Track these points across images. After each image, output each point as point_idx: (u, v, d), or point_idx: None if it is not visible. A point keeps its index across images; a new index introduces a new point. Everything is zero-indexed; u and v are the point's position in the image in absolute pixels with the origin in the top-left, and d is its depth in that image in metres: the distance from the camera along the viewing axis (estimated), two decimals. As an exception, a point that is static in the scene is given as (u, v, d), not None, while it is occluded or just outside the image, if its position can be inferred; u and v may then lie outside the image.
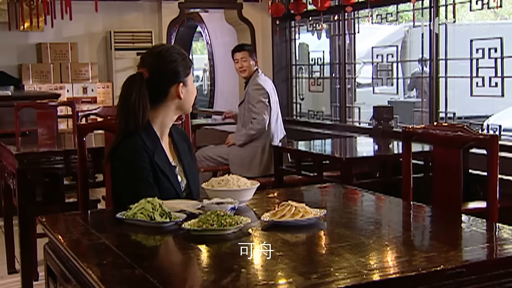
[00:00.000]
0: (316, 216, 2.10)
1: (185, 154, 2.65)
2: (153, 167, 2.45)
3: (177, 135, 2.67)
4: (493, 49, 5.71)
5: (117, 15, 8.83)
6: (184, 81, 2.56)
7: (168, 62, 2.53)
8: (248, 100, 5.75)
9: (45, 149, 4.56)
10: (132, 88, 2.46)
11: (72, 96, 8.29)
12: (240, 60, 5.82)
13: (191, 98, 2.61)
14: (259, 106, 5.69)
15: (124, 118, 2.47)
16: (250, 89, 5.74)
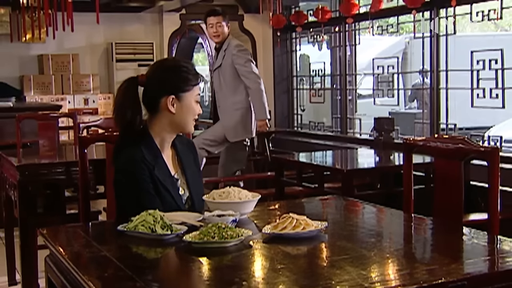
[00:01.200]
0: (317, 228, 2.10)
1: (190, 166, 2.62)
2: (154, 180, 2.44)
3: (182, 146, 2.63)
4: (493, 61, 5.72)
5: (119, 26, 8.86)
6: (178, 95, 2.48)
7: (163, 71, 2.51)
8: (235, 62, 5.59)
9: (46, 160, 4.57)
10: (122, 88, 2.48)
11: (74, 107, 8.31)
12: (215, 25, 5.61)
13: (188, 117, 2.51)
14: (249, 64, 5.62)
15: (116, 116, 2.48)
16: (234, 51, 5.58)
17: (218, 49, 5.72)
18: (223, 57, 5.63)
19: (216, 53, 5.76)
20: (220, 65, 5.65)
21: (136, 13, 8.99)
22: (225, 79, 5.65)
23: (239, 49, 5.62)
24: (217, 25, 5.59)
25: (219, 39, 5.62)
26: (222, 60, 5.65)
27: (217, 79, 5.73)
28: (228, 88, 5.65)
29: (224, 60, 5.62)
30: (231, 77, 5.62)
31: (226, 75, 5.63)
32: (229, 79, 5.63)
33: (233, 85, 5.64)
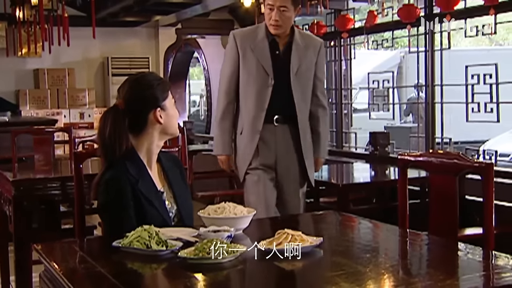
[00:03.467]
0: (313, 244, 2.10)
1: (176, 180, 2.65)
2: (136, 195, 2.45)
3: (167, 162, 2.66)
4: (488, 75, 5.75)
5: (115, 41, 8.89)
6: (162, 105, 2.54)
7: (141, 89, 2.54)
8: (320, 66, 3.82)
9: (42, 175, 4.56)
10: (106, 121, 2.50)
11: (69, 121, 8.32)
12: (277, 8, 3.56)
13: (173, 121, 2.60)
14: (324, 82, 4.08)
15: (102, 152, 2.51)
16: (322, 55, 3.79)
17: (271, 42, 3.69)
18: (298, 56, 3.69)
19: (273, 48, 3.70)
20: (299, 66, 3.69)
21: (132, 28, 9.02)
22: (305, 90, 3.75)
23: (323, 48, 3.87)
24: (279, 9, 3.56)
25: (280, 31, 3.63)
26: (301, 60, 3.70)
27: (298, 88, 3.71)
28: (305, 101, 3.76)
29: (307, 60, 3.72)
30: (307, 86, 3.77)
31: (306, 84, 3.76)
32: (309, 90, 3.78)
33: (307, 98, 3.77)
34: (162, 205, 2.52)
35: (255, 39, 3.70)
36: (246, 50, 3.68)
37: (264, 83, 3.66)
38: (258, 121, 3.69)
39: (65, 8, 6.57)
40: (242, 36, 3.75)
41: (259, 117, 3.68)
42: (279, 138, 3.72)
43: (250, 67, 3.68)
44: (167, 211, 2.53)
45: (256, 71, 3.67)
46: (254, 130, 3.69)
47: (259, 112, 3.68)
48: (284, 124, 3.70)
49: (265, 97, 3.65)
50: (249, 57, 3.69)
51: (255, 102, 3.69)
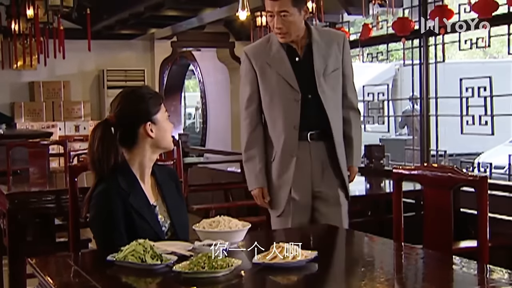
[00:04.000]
0: (307, 258, 2.09)
1: (171, 194, 2.63)
2: (127, 209, 2.44)
3: (162, 175, 2.65)
4: (482, 88, 5.78)
5: (110, 53, 8.91)
6: (152, 119, 2.53)
7: (132, 103, 2.53)
8: (346, 62, 3.36)
9: (36, 188, 4.55)
10: (95, 136, 2.50)
11: (64, 134, 8.31)
12: (277, 14, 3.16)
13: (166, 134, 2.57)
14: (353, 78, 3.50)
15: (91, 167, 2.52)
16: (345, 42, 3.36)
17: (285, 47, 3.28)
18: (322, 56, 3.26)
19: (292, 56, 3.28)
20: (326, 67, 3.26)
21: (128, 41, 9.04)
22: (336, 92, 3.33)
23: (348, 41, 3.42)
24: (280, 14, 3.15)
25: (286, 38, 3.22)
26: (325, 59, 3.27)
27: (329, 93, 3.27)
28: (336, 107, 3.33)
29: (332, 58, 3.29)
30: (337, 89, 3.33)
31: (336, 86, 3.33)
32: (339, 93, 3.35)
33: (338, 102, 3.35)
34: (154, 219, 2.51)
35: (270, 52, 3.26)
36: (263, 67, 3.26)
37: (290, 98, 3.22)
38: (292, 142, 3.23)
39: (61, 21, 6.59)
40: (255, 52, 3.32)
41: (292, 138, 3.23)
42: (314, 156, 3.26)
43: (272, 85, 3.24)
44: (159, 225, 2.52)
45: (279, 87, 3.23)
46: (290, 153, 3.24)
47: (291, 132, 3.22)
48: (319, 140, 3.24)
49: (294, 114, 3.21)
50: (268, 73, 3.25)
51: (285, 122, 3.23)
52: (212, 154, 8.92)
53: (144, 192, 2.53)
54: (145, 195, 2.53)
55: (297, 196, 3.23)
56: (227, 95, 9.90)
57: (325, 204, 3.25)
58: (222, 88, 10.22)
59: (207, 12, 7.75)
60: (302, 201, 3.23)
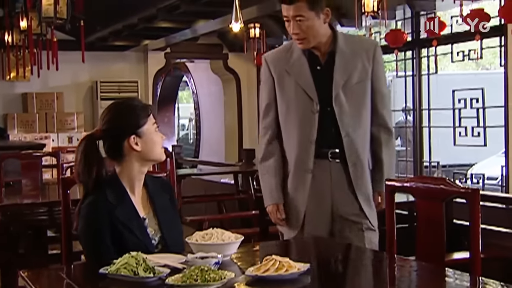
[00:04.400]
0: (300, 270, 2.09)
1: (164, 206, 2.61)
2: (113, 222, 2.43)
3: (154, 187, 2.63)
4: (475, 100, 5.82)
5: (104, 65, 8.91)
6: (138, 132, 2.50)
7: (116, 116, 2.52)
8: (376, 75, 3.04)
9: (29, 200, 4.54)
10: (79, 149, 2.52)
11: (57, 145, 8.30)
12: (293, 19, 2.92)
13: (154, 147, 2.53)
14: (389, 95, 3.22)
15: (77, 180, 2.54)
16: (374, 53, 3.03)
17: (325, 55, 3.02)
18: (344, 67, 2.99)
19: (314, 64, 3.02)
20: (348, 79, 2.98)
21: (121, 52, 9.05)
22: (358, 108, 3.02)
23: (380, 52, 3.11)
24: (295, 19, 2.91)
25: (304, 44, 2.98)
26: (348, 70, 2.99)
27: (348, 107, 2.99)
28: (358, 123, 3.02)
29: (357, 70, 3.01)
30: (361, 104, 3.03)
31: (360, 100, 3.03)
32: (364, 108, 3.04)
33: (362, 119, 3.04)
34: (143, 232, 2.49)
35: (291, 59, 3.02)
36: (281, 75, 3.03)
37: (307, 109, 2.97)
38: (307, 157, 2.97)
39: (54, 33, 6.59)
40: (274, 58, 3.09)
41: (308, 152, 2.96)
42: (336, 178, 2.97)
43: (289, 94, 3.01)
44: (149, 238, 2.50)
45: (296, 97, 2.99)
46: (304, 170, 2.98)
47: (306, 145, 2.97)
48: (340, 158, 2.96)
49: (311, 127, 2.95)
50: (287, 82, 3.02)
51: (299, 134, 2.99)
52: (206, 165, 8.92)
53: (133, 205, 2.52)
54: (134, 207, 2.51)
55: (313, 218, 2.98)
56: (221, 106, 9.92)
57: (348, 230, 2.96)
58: (215, 100, 10.24)
59: (201, 24, 7.78)
60: (318, 223, 2.97)
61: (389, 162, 3.07)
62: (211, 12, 7.22)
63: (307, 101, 2.97)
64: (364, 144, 3.00)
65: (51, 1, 5.74)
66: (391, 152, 3.09)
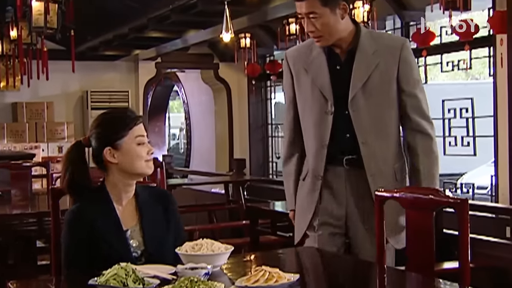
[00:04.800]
0: (290, 281, 2.09)
1: (153, 218, 2.54)
2: (93, 233, 2.41)
3: (147, 198, 2.57)
4: (464, 109, 5.84)
5: (94, 74, 8.91)
6: (114, 145, 2.45)
7: (96, 127, 2.50)
8: (403, 76, 2.78)
9: (18, 211, 4.52)
10: (64, 156, 2.52)
11: (47, 155, 8.26)
12: (306, 17, 2.75)
13: (133, 161, 2.46)
14: (422, 86, 2.89)
15: (61, 184, 2.54)
16: (402, 52, 2.78)
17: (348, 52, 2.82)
18: (365, 66, 2.77)
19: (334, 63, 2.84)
20: (367, 80, 2.76)
21: (112, 62, 9.05)
22: (380, 111, 2.80)
23: (410, 51, 2.85)
24: (309, 16, 2.74)
25: (321, 42, 2.80)
26: (368, 70, 2.77)
27: (366, 110, 2.78)
28: (379, 130, 2.80)
29: (380, 69, 2.77)
30: (384, 108, 2.80)
31: (382, 103, 2.80)
32: (387, 112, 2.81)
33: (386, 125, 2.82)
34: (123, 245, 2.44)
35: (310, 56, 2.85)
36: (299, 72, 2.88)
37: (321, 110, 2.78)
38: (319, 162, 2.81)
39: (45, 42, 6.58)
40: (294, 54, 2.94)
41: (320, 157, 2.79)
42: (350, 186, 2.78)
43: (305, 93, 2.85)
44: (129, 251, 2.45)
45: (312, 97, 2.81)
46: (315, 174, 2.83)
47: (319, 150, 2.79)
48: (360, 169, 2.74)
49: (324, 129, 2.77)
50: (304, 80, 2.85)
51: (314, 136, 2.82)
52: (196, 175, 8.91)
53: (117, 216, 2.47)
54: (117, 219, 2.47)
55: (323, 228, 2.80)
56: (212, 116, 9.92)
57: (363, 249, 2.75)
58: (206, 109, 10.24)
59: (191, 34, 7.79)
60: (330, 236, 2.80)
61: (427, 172, 2.78)
62: (202, 22, 7.23)
63: (322, 101, 2.78)
64: (387, 153, 2.77)
65: (41, 11, 5.73)
66: (431, 161, 2.80)
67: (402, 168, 2.83)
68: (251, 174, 8.35)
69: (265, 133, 8.84)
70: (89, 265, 2.36)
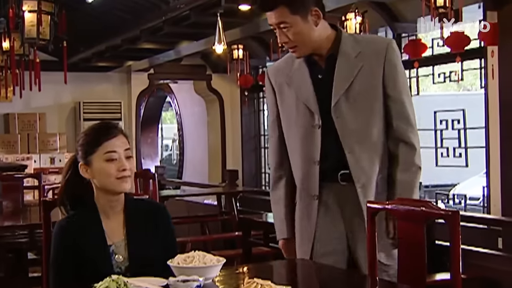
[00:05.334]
0: (282, 293, 2.09)
1: (141, 233, 2.47)
2: (76, 246, 2.39)
3: (137, 211, 2.50)
4: (456, 121, 5.86)
5: (87, 85, 8.91)
6: (86, 161, 2.41)
7: (77, 141, 2.50)
8: (389, 82, 2.59)
9: (10, 223, 4.50)
10: (64, 169, 2.52)
11: (39, 166, 8.24)
12: (277, 27, 2.59)
13: (103, 178, 2.39)
14: (411, 103, 2.68)
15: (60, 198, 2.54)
16: (388, 54, 2.58)
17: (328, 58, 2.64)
18: (347, 72, 2.60)
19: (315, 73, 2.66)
20: (350, 84, 2.59)
21: (104, 73, 9.05)
22: (365, 119, 2.61)
23: (397, 51, 2.65)
24: (279, 27, 2.58)
25: (299, 53, 2.63)
26: (350, 76, 2.59)
27: (350, 120, 2.60)
28: (365, 137, 2.61)
29: (363, 74, 2.59)
30: (369, 114, 2.61)
31: (367, 111, 2.61)
32: (372, 119, 2.61)
33: (372, 132, 2.61)
34: (105, 260, 2.40)
35: (292, 68, 2.68)
36: (282, 87, 2.70)
37: (308, 124, 2.61)
38: (312, 180, 2.61)
39: (37, 53, 6.58)
40: (275, 70, 2.78)
41: (312, 174, 2.60)
42: (348, 203, 2.59)
43: (289, 108, 2.67)
44: (111, 266, 2.40)
45: (297, 111, 2.64)
46: (309, 194, 2.64)
47: (310, 167, 2.61)
48: (353, 181, 2.57)
49: (314, 145, 2.59)
50: (287, 94, 2.68)
51: (302, 154, 2.64)
52: (189, 186, 8.90)
53: (102, 230, 2.43)
54: (102, 233, 2.43)
55: (325, 259, 2.63)
56: (204, 127, 9.92)
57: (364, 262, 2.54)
58: (199, 120, 10.24)
59: (184, 45, 7.81)
60: (333, 255, 2.63)
61: (406, 184, 2.59)
62: (195, 33, 7.24)
63: (308, 115, 2.61)
64: (373, 162, 2.58)
65: (34, 22, 5.74)
66: (411, 174, 2.61)
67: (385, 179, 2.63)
68: (244, 185, 8.35)
69: (257, 144, 8.84)
70: (75, 279, 2.35)
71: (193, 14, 6.13)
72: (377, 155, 2.59)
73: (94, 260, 2.39)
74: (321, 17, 2.56)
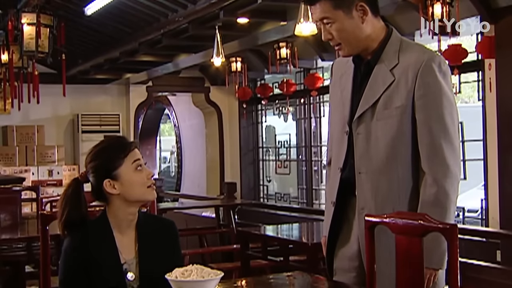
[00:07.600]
0: (280, 307, 2.09)
1: (151, 249, 2.45)
2: (89, 263, 2.33)
3: (149, 228, 2.47)
4: (454, 133, 5.85)
5: (85, 98, 8.92)
6: (112, 175, 2.36)
7: (90, 161, 2.41)
8: (422, 103, 2.31)
9: (7, 236, 4.49)
10: (64, 193, 2.43)
11: (37, 179, 8.24)
12: (321, 23, 2.40)
13: (133, 188, 2.37)
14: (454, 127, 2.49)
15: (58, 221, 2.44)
16: (426, 79, 2.30)
17: (365, 64, 2.45)
18: (378, 84, 2.38)
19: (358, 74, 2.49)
20: (378, 99, 2.36)
21: (103, 85, 9.07)
22: (388, 139, 2.36)
23: (440, 68, 2.35)
24: (323, 22, 2.39)
25: (343, 51, 2.44)
26: (379, 89, 2.37)
27: (362, 132, 2.41)
28: (384, 160, 2.38)
29: (393, 89, 2.35)
30: (393, 137, 2.36)
31: (391, 130, 2.36)
32: (396, 141, 2.37)
33: (393, 161, 2.38)
34: (117, 277, 2.36)
35: (346, 66, 2.52)
36: (334, 83, 2.59)
37: (341, 127, 2.47)
38: (333, 186, 2.51)
39: (36, 66, 6.59)
40: (338, 63, 2.62)
41: (335, 180, 2.49)
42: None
43: (334, 104, 2.58)
44: (124, 283, 2.36)
45: (336, 112, 2.53)
46: (329, 199, 2.57)
47: (334, 173, 2.51)
48: None
49: (340, 150, 2.46)
50: (337, 89, 2.54)
51: (334, 156, 2.54)
52: (187, 199, 8.89)
53: (115, 247, 2.39)
54: (116, 250, 2.39)
55: (339, 275, 2.60)
56: (203, 139, 9.93)
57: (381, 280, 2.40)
58: (197, 133, 10.25)
59: (183, 58, 7.83)
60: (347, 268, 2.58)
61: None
62: (193, 46, 7.27)
63: (341, 118, 2.47)
64: (387, 193, 2.38)
65: (32, 35, 5.75)
66: (439, 214, 2.32)
67: None
68: (242, 197, 8.34)
69: (256, 157, 8.85)
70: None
71: (192, 27, 6.15)
72: (400, 182, 2.39)
73: (108, 279, 2.34)
74: (368, 13, 2.35)
